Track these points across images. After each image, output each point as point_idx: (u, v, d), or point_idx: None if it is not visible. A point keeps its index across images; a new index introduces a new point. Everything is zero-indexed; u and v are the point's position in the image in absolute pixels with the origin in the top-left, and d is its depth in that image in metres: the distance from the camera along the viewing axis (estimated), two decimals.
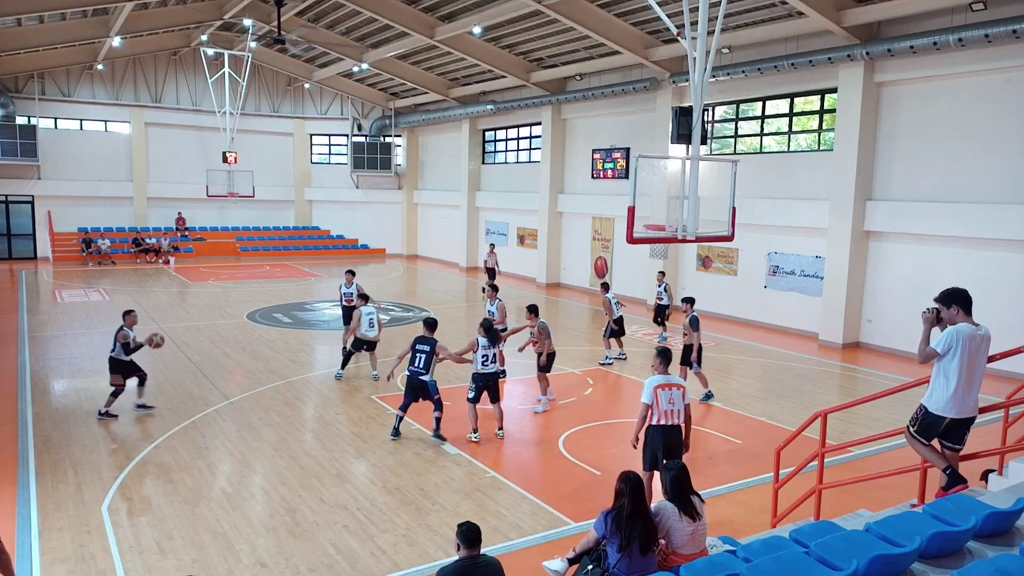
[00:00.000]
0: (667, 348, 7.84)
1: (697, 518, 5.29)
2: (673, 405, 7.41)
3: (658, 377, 7.52)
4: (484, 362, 10.19)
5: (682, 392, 7.49)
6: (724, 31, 17.77)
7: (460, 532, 4.79)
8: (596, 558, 5.26)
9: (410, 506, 8.11)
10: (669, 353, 7.75)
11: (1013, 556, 4.36)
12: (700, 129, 9.27)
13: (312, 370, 14.27)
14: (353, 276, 15.64)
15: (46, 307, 20.48)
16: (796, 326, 18.47)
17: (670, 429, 7.43)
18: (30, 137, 29.63)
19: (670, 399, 7.41)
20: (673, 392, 7.44)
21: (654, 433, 7.47)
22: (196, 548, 7.07)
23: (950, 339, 5.78)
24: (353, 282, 15.43)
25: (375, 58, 27.44)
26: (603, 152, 23.91)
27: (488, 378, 10.24)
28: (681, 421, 7.49)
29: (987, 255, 14.77)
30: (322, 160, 36.79)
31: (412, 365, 10.23)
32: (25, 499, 8.12)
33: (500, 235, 30.31)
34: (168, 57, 32.39)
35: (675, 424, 7.45)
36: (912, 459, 6.69)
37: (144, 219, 33.03)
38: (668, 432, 7.42)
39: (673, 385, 7.47)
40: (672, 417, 7.41)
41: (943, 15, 14.75)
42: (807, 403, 12.33)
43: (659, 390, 7.40)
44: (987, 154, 14.69)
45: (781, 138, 19.15)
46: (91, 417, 10.95)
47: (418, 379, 10.20)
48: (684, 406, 7.50)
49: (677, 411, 7.44)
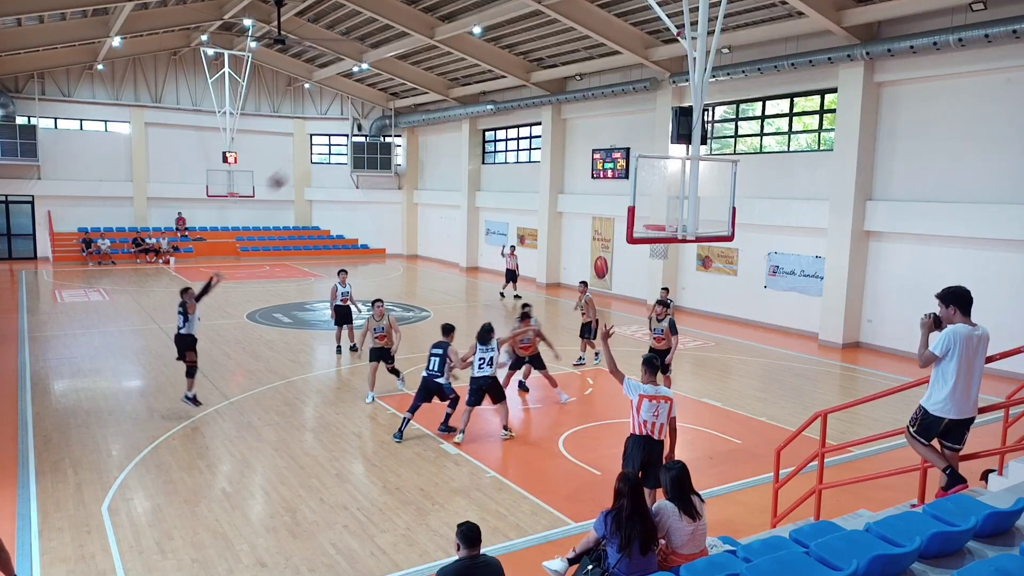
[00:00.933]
0: (652, 357, 7.52)
1: (697, 518, 5.29)
2: (657, 418, 7.09)
3: (648, 387, 7.22)
4: (480, 365, 10.27)
5: (669, 405, 7.17)
6: (724, 31, 17.77)
7: (460, 532, 4.79)
8: (596, 558, 5.26)
9: (410, 506, 8.11)
10: (654, 362, 7.45)
11: (1013, 556, 4.36)
12: (700, 129, 9.26)
13: (312, 370, 14.27)
14: (346, 275, 15.74)
15: (46, 307, 20.49)
16: (796, 326, 18.47)
17: (651, 443, 7.11)
18: (30, 137, 29.64)
19: (655, 411, 7.08)
20: (660, 405, 7.11)
21: (634, 444, 7.19)
22: (196, 548, 7.08)
23: (947, 340, 5.77)
24: (347, 281, 15.55)
25: (375, 58, 27.45)
26: (603, 152, 23.91)
27: (481, 381, 10.27)
28: (663, 436, 7.18)
29: (987, 255, 14.77)
30: (322, 160, 36.80)
31: (428, 368, 10.42)
32: (25, 499, 8.12)
33: (500, 235, 30.32)
34: (168, 57, 32.40)
35: (657, 439, 7.13)
36: (912, 459, 6.69)
37: (144, 219, 33.03)
38: (649, 446, 7.11)
39: (660, 397, 7.15)
40: (653, 430, 7.10)
41: (943, 15, 14.75)
42: (807, 403, 12.33)
43: (645, 399, 7.11)
44: (987, 154, 14.69)
45: (781, 138, 19.16)
46: (91, 417, 10.95)
47: (434, 382, 10.37)
48: (670, 419, 7.19)
49: (660, 424, 7.12)
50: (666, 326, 11.94)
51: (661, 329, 12.01)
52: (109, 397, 12.09)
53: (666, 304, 12.25)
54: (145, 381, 13.16)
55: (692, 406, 11.98)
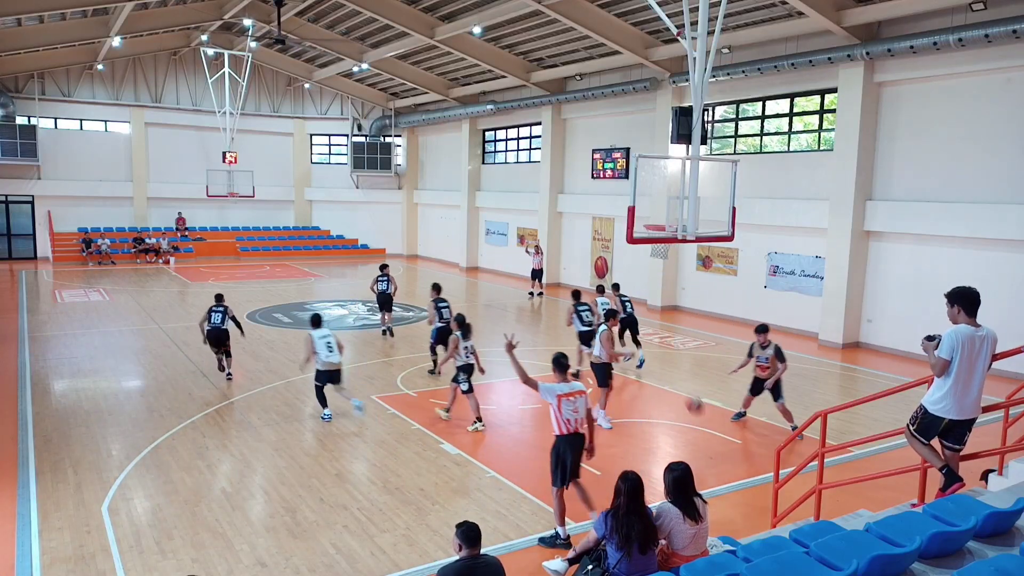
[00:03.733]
0: (563, 355, 7.48)
1: (699, 520, 5.27)
2: (577, 414, 7.10)
3: (563, 385, 7.18)
4: (465, 354, 10.96)
5: (584, 398, 7.18)
6: (724, 31, 17.77)
7: (460, 532, 4.77)
8: (596, 558, 5.26)
9: (410, 506, 8.11)
10: (563, 361, 7.40)
11: (1013, 556, 4.36)
12: (700, 129, 9.27)
13: (312, 370, 14.24)
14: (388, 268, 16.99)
15: (46, 307, 20.49)
16: (796, 326, 18.46)
17: (575, 438, 7.13)
18: (30, 137, 29.63)
19: (574, 408, 7.07)
20: (577, 401, 7.09)
21: (560, 444, 7.15)
22: (196, 548, 7.08)
23: (951, 342, 5.77)
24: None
25: (375, 58, 27.45)
26: (603, 152, 23.91)
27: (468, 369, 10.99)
28: (583, 428, 7.21)
29: (987, 255, 14.77)
30: (322, 160, 36.80)
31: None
32: (25, 499, 8.12)
33: (500, 235, 30.33)
34: (168, 57, 32.40)
35: (579, 432, 7.16)
36: (912, 459, 6.69)
37: (144, 219, 33.03)
38: (573, 441, 7.13)
39: (576, 393, 7.13)
40: (575, 425, 7.11)
41: (943, 15, 14.75)
42: (807, 403, 12.33)
43: (563, 399, 7.04)
44: (987, 154, 14.69)
45: (781, 138, 19.16)
46: (91, 417, 10.95)
47: None
48: (586, 410, 7.21)
49: (580, 419, 7.14)
50: (771, 353, 10.97)
51: (766, 357, 11.03)
52: (109, 397, 12.09)
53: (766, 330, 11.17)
54: (145, 381, 13.15)
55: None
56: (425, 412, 11.47)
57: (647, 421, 11.45)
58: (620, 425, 11.09)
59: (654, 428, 11.20)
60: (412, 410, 11.59)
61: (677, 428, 11.17)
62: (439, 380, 13.45)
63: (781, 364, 10.83)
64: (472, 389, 10.88)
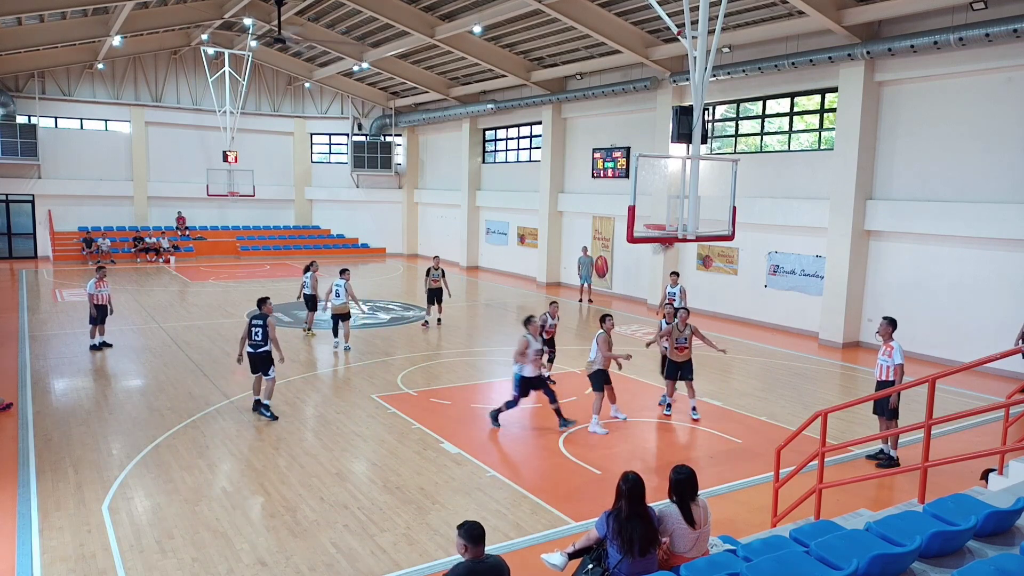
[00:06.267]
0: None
1: (701, 525, 5.26)
2: None
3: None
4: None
5: None
6: (724, 30, 17.77)
7: (464, 531, 4.66)
8: (596, 558, 5.25)
9: (410, 505, 8.11)
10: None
11: (1013, 556, 4.36)
12: (700, 128, 9.28)
13: (312, 370, 14.27)
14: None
15: (46, 306, 20.49)
16: (796, 325, 18.47)
17: None
18: (30, 136, 29.63)
19: None
20: None
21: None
22: (196, 547, 7.08)
23: None
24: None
25: (375, 57, 27.44)
26: (603, 151, 23.91)
27: None
28: None
29: (987, 255, 14.76)
30: (322, 159, 36.80)
31: None
32: (26, 498, 8.13)
33: (500, 234, 30.32)
34: (168, 56, 32.39)
35: None
36: (912, 459, 6.69)
37: (144, 218, 33.03)
38: None
39: None
40: None
41: (943, 14, 14.75)
42: (807, 402, 12.33)
43: None
44: (987, 153, 14.69)
45: (781, 137, 19.15)
46: (91, 416, 10.96)
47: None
48: None
49: None
50: (689, 333, 10.82)
51: (684, 338, 10.87)
52: (109, 396, 12.10)
53: (683, 307, 10.93)
54: (145, 380, 13.15)
55: None
56: (425, 412, 11.48)
57: (647, 421, 11.45)
58: (620, 425, 11.09)
59: (654, 428, 11.20)
60: (413, 410, 11.59)
61: (677, 428, 11.18)
62: (439, 379, 13.46)
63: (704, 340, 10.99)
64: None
